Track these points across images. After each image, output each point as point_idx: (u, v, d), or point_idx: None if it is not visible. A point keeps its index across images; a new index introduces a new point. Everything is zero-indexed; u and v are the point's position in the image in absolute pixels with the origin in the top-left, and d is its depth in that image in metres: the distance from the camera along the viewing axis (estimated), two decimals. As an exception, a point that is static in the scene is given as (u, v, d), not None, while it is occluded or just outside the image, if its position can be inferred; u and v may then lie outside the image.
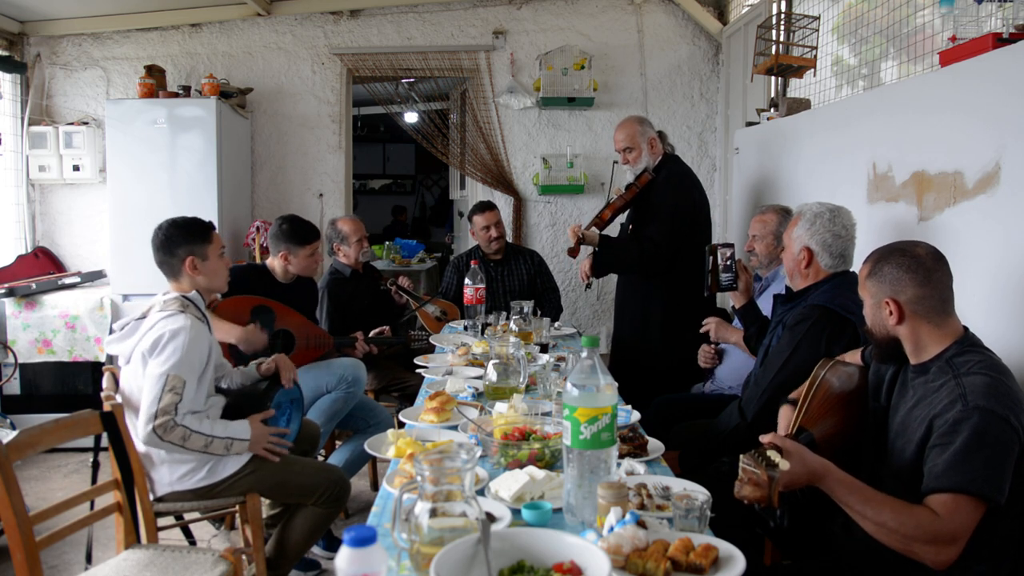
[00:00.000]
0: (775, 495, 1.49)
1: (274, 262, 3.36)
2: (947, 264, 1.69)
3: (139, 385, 2.28)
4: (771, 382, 2.33)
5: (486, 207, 4.14)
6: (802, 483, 1.55)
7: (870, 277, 1.73)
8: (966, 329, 1.70)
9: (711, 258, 2.88)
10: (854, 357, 2.02)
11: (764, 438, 1.63)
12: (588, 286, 3.65)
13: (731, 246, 2.93)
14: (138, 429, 2.23)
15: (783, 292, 2.56)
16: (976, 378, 1.56)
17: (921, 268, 1.66)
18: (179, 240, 2.41)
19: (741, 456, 1.55)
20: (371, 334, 3.58)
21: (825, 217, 2.37)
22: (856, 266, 2.41)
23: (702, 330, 3.09)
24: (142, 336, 2.29)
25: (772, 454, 1.52)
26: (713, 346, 3.11)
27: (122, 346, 2.35)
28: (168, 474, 2.34)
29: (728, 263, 2.87)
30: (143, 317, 2.35)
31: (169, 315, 2.29)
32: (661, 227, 3.40)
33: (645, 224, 3.50)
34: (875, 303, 1.73)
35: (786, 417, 1.99)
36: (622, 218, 3.81)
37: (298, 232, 3.31)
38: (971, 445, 1.49)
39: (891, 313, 1.68)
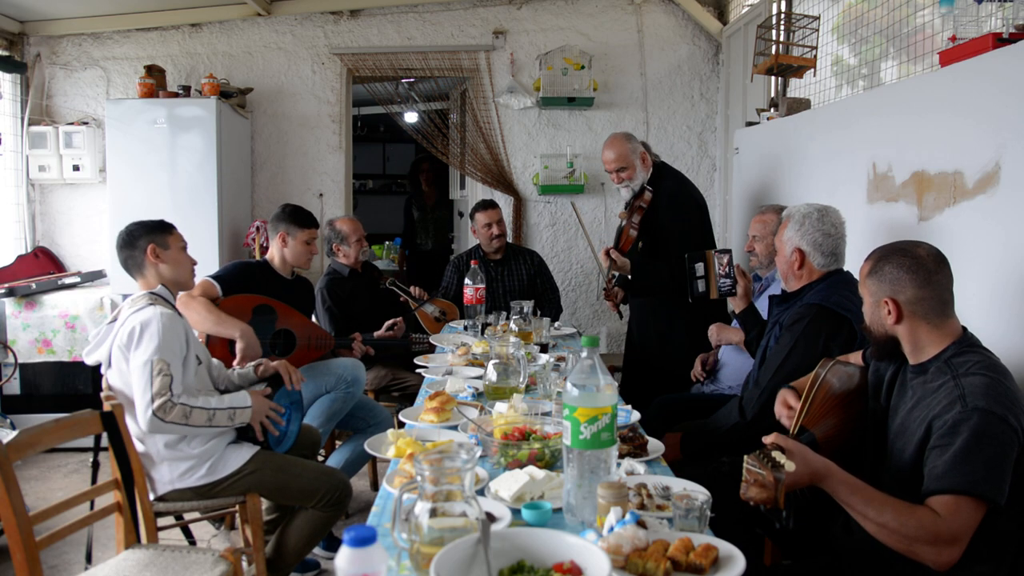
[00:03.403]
0: (781, 496, 1.49)
1: (273, 252, 3.36)
2: (948, 266, 1.69)
3: (127, 382, 2.29)
4: (770, 382, 2.33)
5: (488, 205, 4.17)
6: (804, 483, 1.55)
7: (870, 275, 1.73)
8: (965, 329, 1.70)
9: (699, 265, 2.90)
10: (856, 358, 2.02)
11: (767, 439, 1.63)
12: (610, 290, 3.57)
13: (728, 252, 2.94)
14: (139, 420, 2.23)
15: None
16: (975, 379, 1.57)
17: (922, 269, 1.66)
18: (140, 232, 2.46)
19: (745, 457, 1.55)
20: (384, 326, 3.59)
21: (814, 217, 2.38)
22: (849, 264, 2.42)
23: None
24: (115, 334, 2.31)
25: (777, 455, 1.52)
26: (714, 351, 3.13)
27: (99, 352, 2.36)
28: (168, 472, 2.35)
29: (726, 269, 2.88)
30: (114, 320, 2.37)
31: (138, 309, 2.31)
32: (683, 244, 3.31)
33: (658, 244, 3.45)
34: (874, 302, 1.73)
35: (783, 399, 1.99)
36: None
37: (300, 215, 3.35)
38: (971, 446, 1.49)
39: (889, 312, 1.68)
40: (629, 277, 3.45)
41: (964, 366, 1.60)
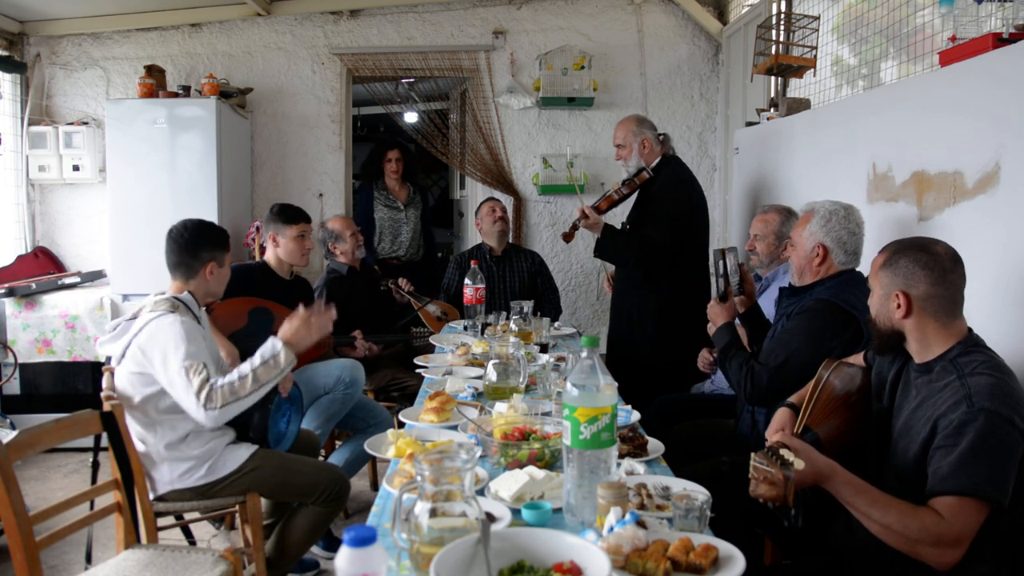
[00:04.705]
0: (791, 494, 1.49)
1: (269, 254, 3.37)
2: (963, 267, 1.69)
3: (132, 384, 2.29)
4: (770, 362, 2.35)
5: (493, 199, 4.40)
6: (809, 483, 1.55)
7: (884, 268, 1.73)
8: (970, 330, 1.70)
9: (723, 262, 2.84)
10: (858, 359, 2.02)
11: (772, 437, 1.63)
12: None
13: (734, 249, 2.93)
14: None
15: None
16: (981, 379, 1.56)
17: (937, 267, 1.66)
18: (206, 244, 2.45)
19: (752, 455, 1.55)
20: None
21: (840, 215, 2.36)
22: (863, 264, 2.42)
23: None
24: (134, 335, 2.30)
25: (786, 453, 1.52)
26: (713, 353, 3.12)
27: (114, 346, 2.36)
28: (168, 472, 2.35)
29: (735, 266, 2.87)
30: (134, 317, 2.36)
31: (159, 315, 2.30)
32: (659, 227, 3.42)
33: (642, 224, 3.53)
34: (884, 294, 1.72)
35: (780, 419, 1.98)
36: (619, 213, 3.84)
37: (286, 212, 3.36)
38: (976, 447, 1.49)
39: (899, 306, 1.68)
40: (598, 236, 3.56)
41: (970, 366, 1.60)
